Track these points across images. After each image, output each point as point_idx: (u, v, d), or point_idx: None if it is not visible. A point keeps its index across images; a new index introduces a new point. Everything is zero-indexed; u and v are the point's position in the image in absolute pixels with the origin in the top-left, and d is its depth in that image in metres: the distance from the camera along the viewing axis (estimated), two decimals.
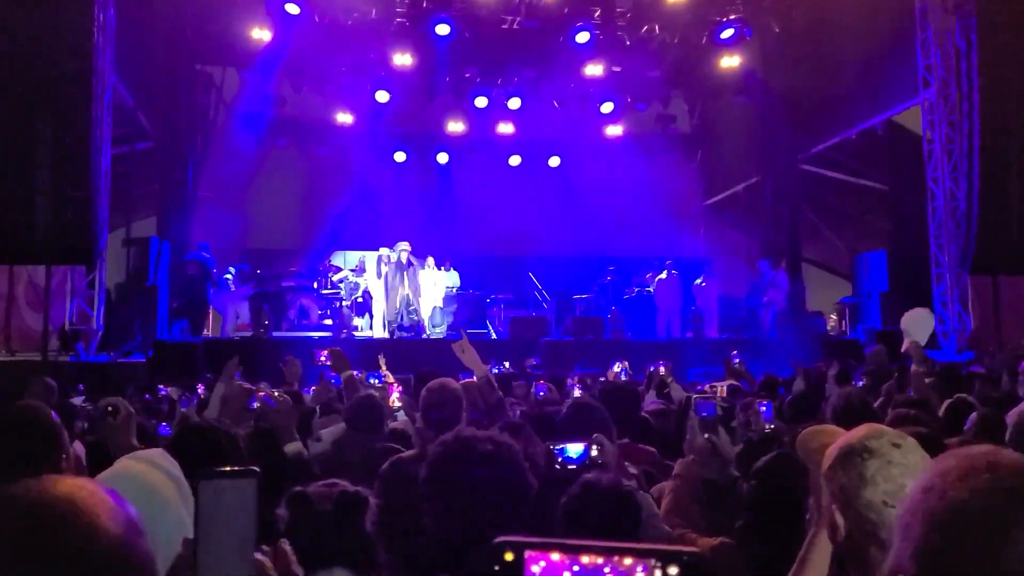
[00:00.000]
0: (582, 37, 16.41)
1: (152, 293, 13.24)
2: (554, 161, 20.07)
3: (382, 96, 17.77)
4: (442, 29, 16.10)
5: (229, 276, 15.09)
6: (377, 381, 8.20)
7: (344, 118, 18.54)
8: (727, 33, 16.51)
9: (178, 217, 15.93)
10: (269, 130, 17.75)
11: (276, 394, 4.06)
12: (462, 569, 1.76)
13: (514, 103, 18.47)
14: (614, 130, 19.88)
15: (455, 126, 19.15)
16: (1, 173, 10.68)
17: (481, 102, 18.44)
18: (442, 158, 19.45)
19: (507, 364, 10.48)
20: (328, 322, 15.11)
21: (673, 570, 0.83)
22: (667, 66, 18.18)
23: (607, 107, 18.83)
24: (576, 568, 0.83)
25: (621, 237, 17.83)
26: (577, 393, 5.77)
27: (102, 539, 0.90)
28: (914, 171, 14.20)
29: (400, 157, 19.30)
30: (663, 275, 15.67)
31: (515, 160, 19.84)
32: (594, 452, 2.62)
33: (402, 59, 17.04)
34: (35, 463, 2.29)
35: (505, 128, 19.25)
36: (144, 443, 3.33)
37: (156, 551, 0.98)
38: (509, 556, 0.84)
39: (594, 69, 17.66)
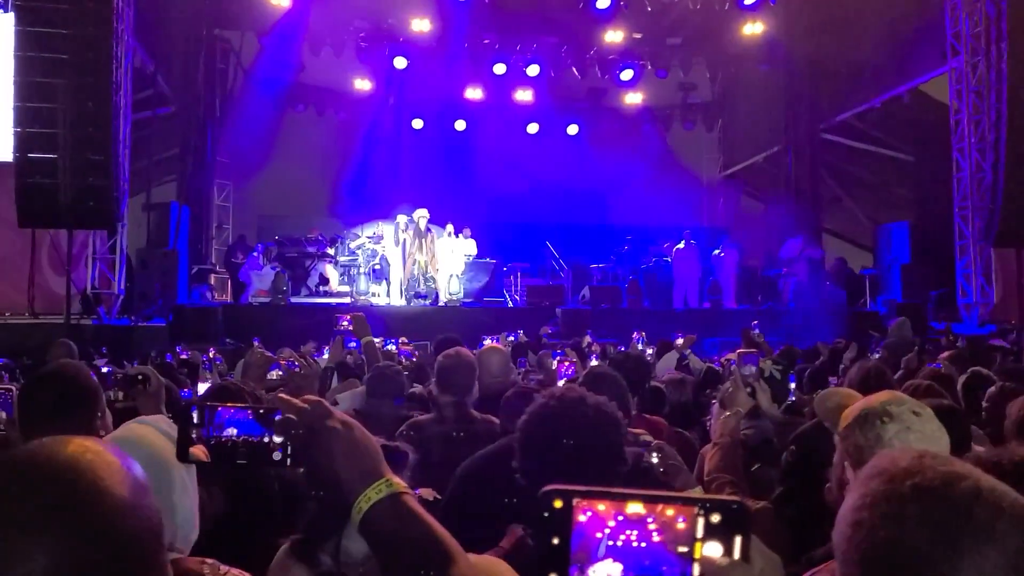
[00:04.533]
0: (603, 2, 16.17)
1: (172, 257, 13.33)
2: (572, 129, 19.94)
3: (400, 62, 17.67)
4: None
5: (255, 253, 15.36)
6: (393, 347, 8.28)
7: (362, 84, 18.45)
8: None
9: (197, 182, 16.00)
10: (288, 96, 17.69)
11: (301, 360, 4.09)
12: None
13: (532, 70, 18.29)
14: (633, 98, 19.70)
15: (473, 93, 18.99)
16: (24, 138, 10.75)
17: (499, 69, 18.28)
18: (460, 125, 19.31)
19: (522, 332, 10.50)
20: (346, 288, 15.18)
21: (716, 517, 0.83)
22: (688, 32, 17.92)
23: (627, 75, 18.57)
24: (620, 518, 0.84)
25: (639, 206, 17.66)
26: (595, 362, 5.78)
27: (107, 499, 0.91)
28: (939, 141, 13.97)
29: (418, 124, 19.18)
30: (681, 245, 15.53)
31: (533, 128, 19.70)
32: None
33: (420, 25, 16.95)
34: (72, 420, 2.34)
35: (523, 95, 19.08)
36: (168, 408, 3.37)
37: (161, 512, 0.98)
38: (558, 503, 0.84)
39: (614, 36, 17.44)
